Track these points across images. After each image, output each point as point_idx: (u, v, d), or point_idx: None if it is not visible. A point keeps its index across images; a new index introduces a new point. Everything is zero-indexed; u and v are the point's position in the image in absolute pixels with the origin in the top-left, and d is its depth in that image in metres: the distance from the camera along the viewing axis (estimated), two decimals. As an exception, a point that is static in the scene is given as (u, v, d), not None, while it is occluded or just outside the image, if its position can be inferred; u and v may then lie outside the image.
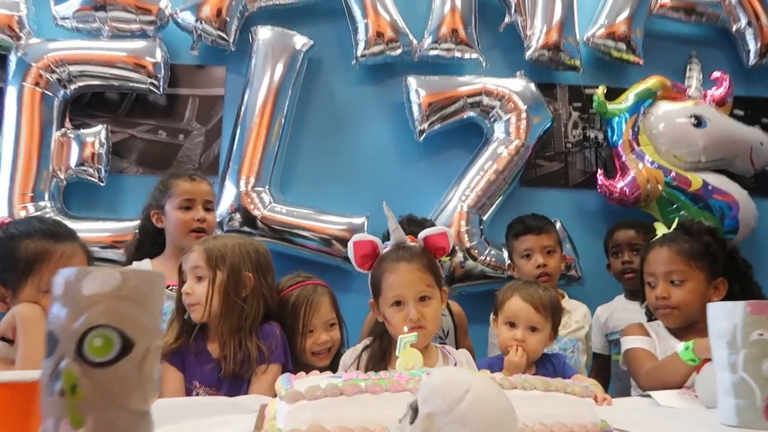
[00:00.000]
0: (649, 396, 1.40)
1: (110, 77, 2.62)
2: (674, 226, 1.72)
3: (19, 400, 0.67)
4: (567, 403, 0.94)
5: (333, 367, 1.60)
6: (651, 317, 1.76)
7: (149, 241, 2.02)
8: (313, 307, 1.70)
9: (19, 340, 1.29)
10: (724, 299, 1.61)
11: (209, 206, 2.01)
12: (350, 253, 1.48)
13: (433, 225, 2.33)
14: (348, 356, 1.54)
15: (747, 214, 2.72)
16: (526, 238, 2.16)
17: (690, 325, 1.65)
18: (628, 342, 1.67)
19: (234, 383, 1.55)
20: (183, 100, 2.79)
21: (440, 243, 1.49)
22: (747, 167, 2.85)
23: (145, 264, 1.95)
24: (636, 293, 2.15)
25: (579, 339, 2.01)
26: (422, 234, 1.50)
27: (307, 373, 1.19)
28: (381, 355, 1.50)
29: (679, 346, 1.43)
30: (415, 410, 0.64)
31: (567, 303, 1.96)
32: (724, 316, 1.11)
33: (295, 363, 1.67)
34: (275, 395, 1.48)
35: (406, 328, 1.25)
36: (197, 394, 1.55)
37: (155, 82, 2.63)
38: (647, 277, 1.71)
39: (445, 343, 2.04)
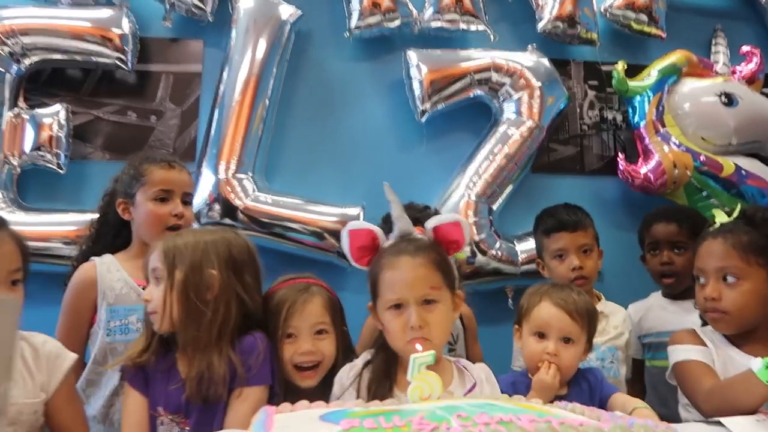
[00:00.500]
0: (718, 423, 1.13)
1: (71, 51, 2.30)
2: (735, 213, 1.45)
3: None
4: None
5: (326, 390, 1.30)
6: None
7: (110, 234, 1.71)
8: (298, 307, 1.38)
9: None
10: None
11: (188, 199, 1.71)
12: (344, 244, 1.22)
13: (436, 213, 2.05)
14: (345, 374, 1.26)
15: (783, 202, 2.46)
16: (559, 236, 1.84)
17: (751, 332, 1.38)
18: (680, 353, 1.39)
19: (206, 409, 1.26)
20: (155, 78, 2.48)
21: (453, 235, 1.22)
22: (781, 151, 2.59)
23: (108, 259, 1.65)
24: (679, 296, 1.89)
25: (618, 347, 1.73)
26: (430, 223, 1.23)
27: (292, 402, 0.91)
28: (385, 373, 1.23)
29: (756, 362, 1.16)
30: None
31: (604, 306, 1.69)
32: None
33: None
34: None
35: (419, 347, 0.96)
36: (162, 423, 1.27)
37: (122, 56, 2.32)
38: (696, 272, 1.44)
39: (455, 349, 1.78)
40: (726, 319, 1.37)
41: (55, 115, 2.25)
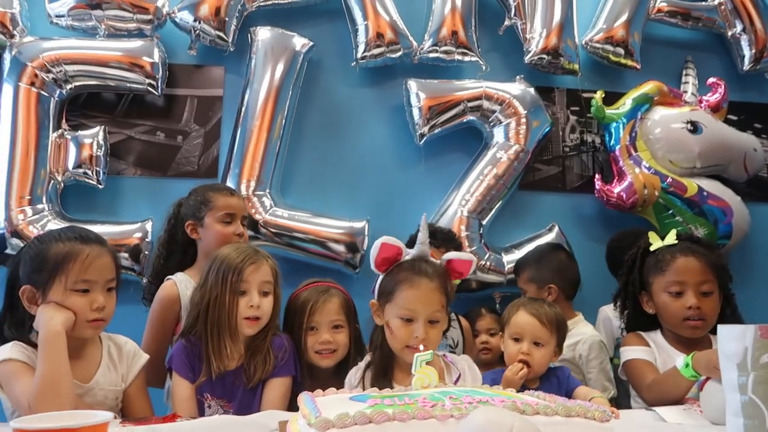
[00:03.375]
0: (653, 410, 1.43)
1: (107, 77, 2.57)
2: (671, 237, 1.74)
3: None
4: (587, 430, 0.96)
5: (340, 372, 1.63)
6: (633, 328, 1.77)
7: (180, 252, 2.03)
8: (319, 305, 1.72)
9: (39, 354, 1.29)
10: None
11: (245, 222, 2.06)
12: (373, 252, 1.46)
13: (440, 230, 2.33)
14: (353, 376, 1.53)
15: (740, 220, 2.76)
16: None
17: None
18: (628, 353, 1.70)
19: (247, 395, 1.55)
20: (181, 101, 2.76)
21: (461, 268, 1.50)
22: (740, 173, 2.88)
23: (182, 277, 1.92)
24: None
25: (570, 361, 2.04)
26: (447, 256, 1.52)
27: (321, 387, 1.19)
28: (384, 373, 1.49)
29: (679, 361, 1.46)
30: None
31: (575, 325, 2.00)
32: (735, 338, 1.14)
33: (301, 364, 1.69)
34: (287, 408, 1.49)
35: (422, 347, 1.25)
36: (209, 407, 1.56)
37: (153, 82, 2.59)
38: (674, 286, 1.67)
39: (455, 352, 2.06)
40: (704, 326, 1.65)
41: (95, 136, 2.52)
